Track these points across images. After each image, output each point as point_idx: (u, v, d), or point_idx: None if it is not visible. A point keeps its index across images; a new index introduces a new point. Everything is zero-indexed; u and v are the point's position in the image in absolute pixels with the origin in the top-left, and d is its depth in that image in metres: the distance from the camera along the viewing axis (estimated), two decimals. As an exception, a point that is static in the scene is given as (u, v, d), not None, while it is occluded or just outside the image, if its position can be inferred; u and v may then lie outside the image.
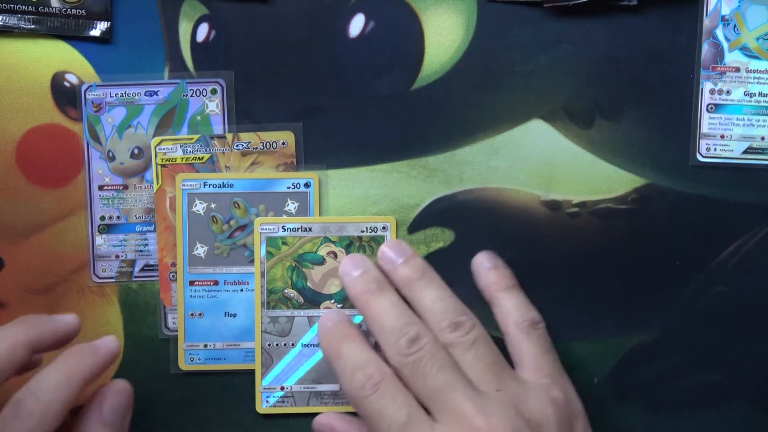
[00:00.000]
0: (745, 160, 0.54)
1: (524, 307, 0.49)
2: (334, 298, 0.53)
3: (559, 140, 0.54)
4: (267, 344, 0.53)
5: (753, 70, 0.53)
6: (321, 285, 0.53)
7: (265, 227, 0.52)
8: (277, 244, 0.53)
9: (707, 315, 0.54)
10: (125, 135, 0.54)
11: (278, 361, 0.53)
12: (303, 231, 0.53)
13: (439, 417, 0.44)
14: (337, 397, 0.53)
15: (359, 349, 0.47)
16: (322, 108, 0.54)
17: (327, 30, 0.53)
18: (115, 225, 0.54)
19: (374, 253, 0.52)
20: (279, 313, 0.53)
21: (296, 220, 0.53)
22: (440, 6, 0.53)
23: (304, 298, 0.53)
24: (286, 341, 0.53)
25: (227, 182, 0.53)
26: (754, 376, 0.55)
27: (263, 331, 0.53)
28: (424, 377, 0.44)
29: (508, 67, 0.53)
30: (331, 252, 0.53)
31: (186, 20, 0.53)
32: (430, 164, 0.54)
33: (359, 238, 0.53)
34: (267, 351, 0.53)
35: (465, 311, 0.48)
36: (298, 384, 0.53)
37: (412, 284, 0.48)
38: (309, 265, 0.53)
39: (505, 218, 0.54)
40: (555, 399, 0.46)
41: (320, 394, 0.53)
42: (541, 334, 0.49)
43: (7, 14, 0.52)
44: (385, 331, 0.46)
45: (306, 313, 0.53)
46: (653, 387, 0.49)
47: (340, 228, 0.53)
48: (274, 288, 0.53)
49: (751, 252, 0.54)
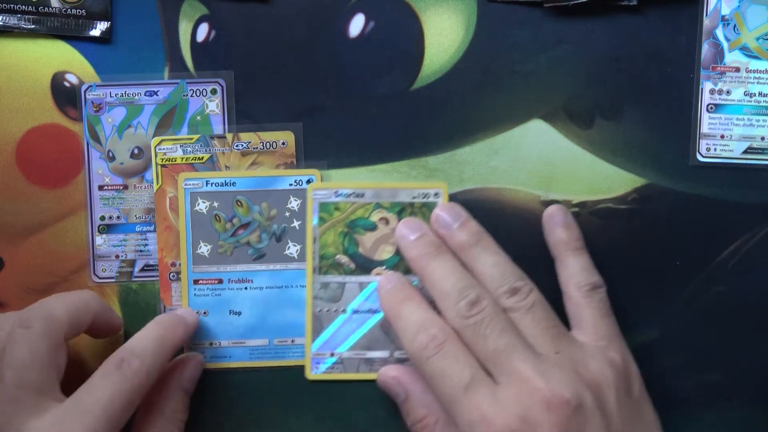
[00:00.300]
0: (745, 160, 0.54)
1: (589, 270, 0.50)
2: (385, 265, 0.53)
3: (559, 140, 0.54)
4: (318, 310, 0.53)
5: (753, 70, 0.53)
6: (372, 251, 0.53)
7: (318, 193, 0.52)
8: (329, 210, 0.53)
9: (707, 315, 0.54)
10: (125, 135, 0.54)
11: (327, 326, 0.53)
12: (355, 197, 0.53)
13: (501, 379, 0.44)
14: (387, 363, 0.53)
15: (421, 310, 0.47)
16: (322, 108, 0.54)
17: (327, 30, 0.53)
18: (115, 225, 0.54)
19: (426, 219, 0.52)
20: (330, 278, 0.53)
21: (349, 185, 0.53)
22: (440, 6, 0.53)
23: (356, 264, 0.53)
24: (337, 307, 0.53)
25: (229, 180, 0.53)
26: (754, 376, 0.55)
27: (314, 297, 0.53)
28: (485, 339, 0.45)
29: (508, 67, 0.53)
30: (383, 218, 0.53)
31: (186, 20, 0.53)
32: (430, 164, 0.54)
33: (411, 204, 0.53)
34: (317, 317, 0.53)
35: (522, 276, 0.48)
36: (349, 351, 0.53)
37: (468, 249, 0.49)
38: (361, 231, 0.53)
39: (505, 218, 0.54)
40: (613, 361, 0.47)
41: (370, 361, 0.53)
42: (602, 298, 0.50)
43: (7, 14, 0.52)
44: (445, 294, 0.47)
45: (357, 279, 0.53)
46: (653, 387, 0.49)
47: (392, 194, 0.53)
48: (326, 254, 0.53)
49: (751, 252, 0.54)
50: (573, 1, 0.51)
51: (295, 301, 0.53)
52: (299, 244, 0.54)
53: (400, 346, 0.48)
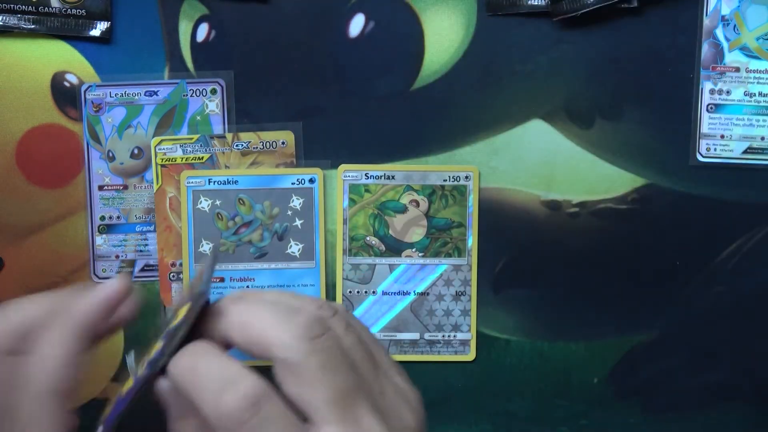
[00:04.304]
0: (745, 160, 0.54)
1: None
2: (415, 247, 0.53)
3: (559, 140, 0.54)
4: (348, 291, 0.53)
5: (753, 70, 0.53)
6: (403, 233, 0.53)
7: (348, 174, 0.53)
8: (360, 192, 0.53)
9: (707, 315, 0.54)
10: (125, 135, 0.54)
11: (357, 307, 0.53)
12: (386, 179, 0.53)
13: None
14: (416, 345, 0.53)
15: (222, 361, 0.33)
16: (322, 108, 0.54)
17: (327, 30, 0.53)
18: (115, 225, 0.54)
19: (456, 202, 0.52)
20: (360, 260, 0.53)
21: (379, 167, 0.53)
22: (440, 6, 0.53)
23: (386, 246, 0.53)
24: (367, 288, 0.53)
25: (232, 179, 0.53)
26: (754, 376, 0.55)
27: (344, 278, 0.53)
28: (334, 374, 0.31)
29: (508, 67, 0.53)
30: (414, 200, 0.53)
31: (186, 20, 0.53)
32: (431, 164, 0.54)
33: (442, 186, 0.53)
34: (347, 298, 0.53)
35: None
36: (379, 333, 0.53)
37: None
38: (391, 213, 0.53)
39: (505, 218, 0.54)
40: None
41: (400, 342, 0.53)
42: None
43: (7, 14, 0.52)
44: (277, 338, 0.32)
45: (387, 261, 0.53)
46: (653, 387, 0.49)
47: (423, 176, 0.53)
48: (356, 235, 0.53)
49: (751, 252, 0.54)
50: (581, 11, 0.51)
51: (296, 301, 0.53)
52: (301, 243, 0.54)
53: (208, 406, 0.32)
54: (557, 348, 0.50)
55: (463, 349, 0.54)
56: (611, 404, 0.55)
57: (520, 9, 0.52)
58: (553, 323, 0.52)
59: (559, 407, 0.55)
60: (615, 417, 0.55)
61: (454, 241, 0.53)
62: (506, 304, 0.55)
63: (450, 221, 0.53)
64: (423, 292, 0.54)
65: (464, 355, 0.54)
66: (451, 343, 0.54)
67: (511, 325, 0.55)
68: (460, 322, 0.54)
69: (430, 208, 0.53)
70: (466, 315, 0.54)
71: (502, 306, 0.55)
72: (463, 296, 0.52)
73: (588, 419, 0.53)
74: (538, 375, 0.55)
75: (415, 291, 0.54)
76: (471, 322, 0.54)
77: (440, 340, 0.54)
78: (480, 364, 0.55)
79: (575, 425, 0.55)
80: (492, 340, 0.55)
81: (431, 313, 0.54)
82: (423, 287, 0.54)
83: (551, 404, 0.55)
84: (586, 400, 0.48)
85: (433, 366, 0.55)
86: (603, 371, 0.55)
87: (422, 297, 0.54)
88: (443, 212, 0.53)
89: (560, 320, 0.53)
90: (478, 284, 0.54)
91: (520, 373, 0.55)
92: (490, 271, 0.54)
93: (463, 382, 0.55)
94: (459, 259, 0.53)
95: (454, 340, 0.54)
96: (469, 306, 0.54)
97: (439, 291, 0.54)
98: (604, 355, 0.55)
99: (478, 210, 0.53)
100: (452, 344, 0.54)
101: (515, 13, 0.53)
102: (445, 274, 0.53)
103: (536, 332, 0.55)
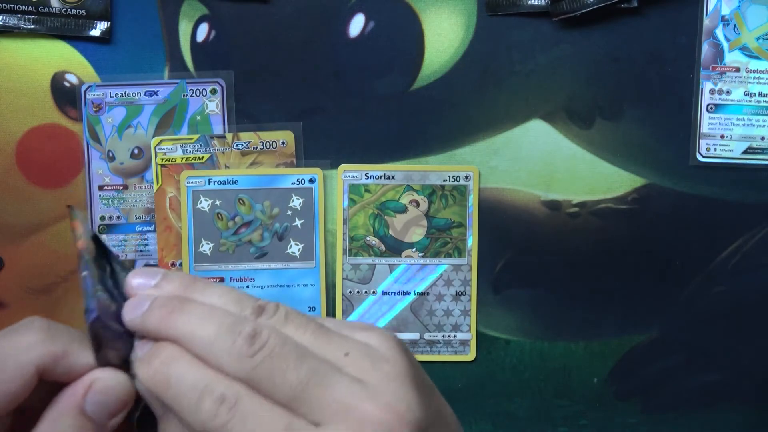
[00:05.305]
0: (745, 160, 0.54)
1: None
2: (415, 247, 0.53)
3: (559, 140, 0.54)
4: (348, 291, 0.53)
5: (753, 70, 0.53)
6: (403, 233, 0.53)
7: (348, 174, 0.53)
8: (359, 192, 0.53)
9: (707, 315, 0.54)
10: (125, 135, 0.54)
11: (357, 307, 0.53)
12: (386, 179, 0.53)
13: (320, 417, 0.33)
14: (416, 345, 0.53)
15: (195, 368, 0.34)
16: (322, 108, 0.54)
17: (327, 30, 0.53)
18: (115, 225, 0.54)
19: (456, 202, 0.52)
20: (360, 260, 0.53)
21: (379, 167, 0.53)
22: (440, 6, 0.53)
23: (386, 246, 0.53)
24: (367, 288, 0.53)
25: (232, 179, 0.53)
26: (754, 376, 0.55)
27: (344, 278, 0.53)
28: (283, 374, 0.33)
29: (508, 67, 0.53)
30: (414, 200, 0.53)
31: (186, 20, 0.53)
32: (431, 164, 0.54)
33: (442, 186, 0.53)
34: (347, 298, 0.53)
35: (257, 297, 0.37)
36: None
37: (184, 296, 0.36)
38: (391, 213, 0.53)
39: (505, 218, 0.54)
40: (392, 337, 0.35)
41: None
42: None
43: (7, 14, 0.52)
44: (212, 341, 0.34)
45: (387, 261, 0.53)
46: (653, 387, 0.49)
47: (423, 176, 0.53)
48: (356, 235, 0.53)
49: (751, 252, 0.54)
50: (581, 11, 0.51)
51: (297, 299, 0.53)
52: (301, 243, 0.54)
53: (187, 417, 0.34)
54: (557, 348, 0.50)
55: (463, 349, 0.54)
56: (611, 404, 0.55)
57: (520, 9, 0.52)
58: (553, 323, 0.52)
59: (559, 407, 0.55)
60: (615, 417, 0.55)
61: (454, 241, 0.53)
62: (506, 304, 0.55)
63: (450, 221, 0.53)
64: (423, 292, 0.54)
65: (464, 355, 0.54)
66: (451, 343, 0.54)
67: (511, 325, 0.55)
68: (460, 322, 0.54)
69: (430, 208, 0.53)
70: (466, 315, 0.54)
71: (502, 306, 0.55)
72: (463, 296, 0.52)
73: (588, 419, 0.53)
74: (538, 375, 0.55)
75: (415, 291, 0.54)
76: (471, 322, 0.54)
77: (440, 340, 0.54)
78: (480, 364, 0.55)
79: (575, 425, 0.55)
80: (492, 340, 0.55)
81: (431, 313, 0.54)
82: (423, 287, 0.54)
83: (551, 404, 0.55)
84: (586, 400, 0.48)
85: (433, 366, 0.55)
86: (603, 371, 0.55)
87: (422, 297, 0.54)
88: (443, 212, 0.53)
89: (560, 320, 0.53)
90: (478, 284, 0.54)
91: (520, 373, 0.55)
92: (490, 271, 0.54)
93: (463, 382, 0.55)
94: (459, 259, 0.53)
95: (454, 340, 0.54)
96: (469, 306, 0.54)
97: (439, 291, 0.54)
98: (604, 355, 0.55)
99: (478, 210, 0.53)
100: (452, 344, 0.54)
101: (515, 13, 0.53)
102: (445, 274, 0.53)
103: (536, 332, 0.55)
